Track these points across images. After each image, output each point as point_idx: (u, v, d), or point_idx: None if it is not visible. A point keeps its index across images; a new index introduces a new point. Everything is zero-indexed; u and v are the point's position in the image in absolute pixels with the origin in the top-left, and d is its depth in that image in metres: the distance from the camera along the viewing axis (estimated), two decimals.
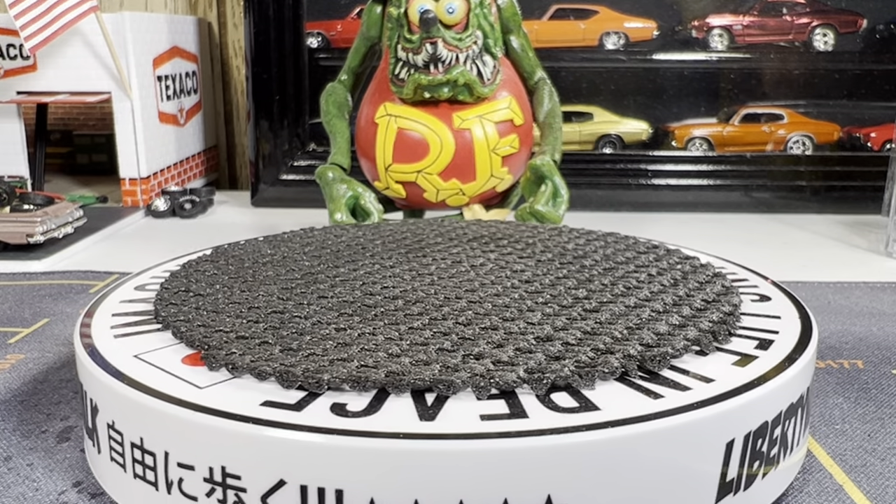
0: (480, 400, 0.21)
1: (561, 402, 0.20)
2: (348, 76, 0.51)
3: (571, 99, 0.67)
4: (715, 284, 0.29)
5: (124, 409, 0.22)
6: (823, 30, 0.66)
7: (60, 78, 0.63)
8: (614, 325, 0.25)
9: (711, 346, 0.24)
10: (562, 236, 0.36)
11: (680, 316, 0.25)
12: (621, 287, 0.28)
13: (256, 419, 0.20)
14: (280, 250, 0.34)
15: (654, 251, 0.34)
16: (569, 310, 0.26)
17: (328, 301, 0.27)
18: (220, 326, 0.25)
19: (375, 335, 0.24)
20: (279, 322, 0.25)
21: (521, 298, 0.27)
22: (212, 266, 0.32)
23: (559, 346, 0.23)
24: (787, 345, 0.25)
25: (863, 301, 0.43)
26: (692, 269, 0.31)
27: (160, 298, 0.28)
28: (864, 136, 0.67)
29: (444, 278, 0.30)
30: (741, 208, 0.66)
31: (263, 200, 0.68)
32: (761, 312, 0.28)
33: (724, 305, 0.27)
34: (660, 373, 0.22)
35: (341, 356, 0.22)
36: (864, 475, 0.26)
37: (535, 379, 0.21)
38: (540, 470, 0.19)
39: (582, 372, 0.21)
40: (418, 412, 0.20)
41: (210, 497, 0.20)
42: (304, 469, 0.19)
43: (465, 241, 0.35)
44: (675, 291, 0.28)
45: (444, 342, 0.23)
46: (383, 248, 0.34)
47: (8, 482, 0.25)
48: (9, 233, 0.50)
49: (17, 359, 0.35)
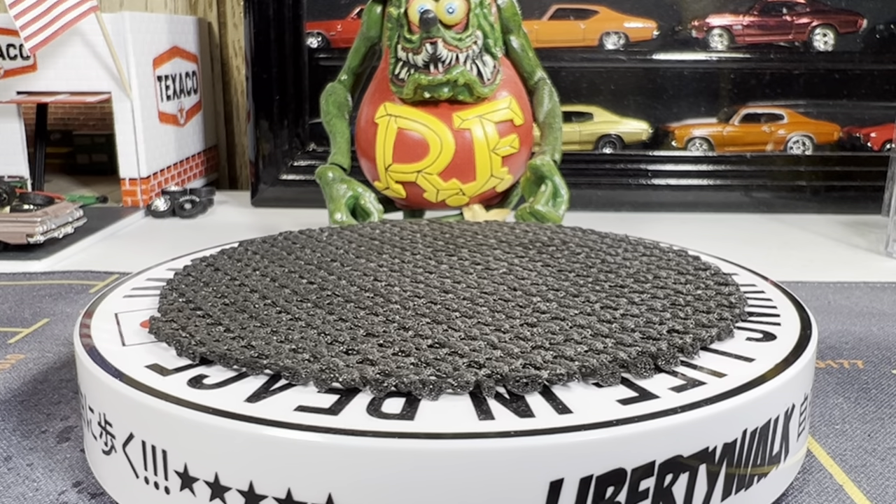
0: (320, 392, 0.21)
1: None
2: (348, 76, 0.51)
3: (571, 99, 0.67)
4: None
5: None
6: (823, 30, 0.66)
7: (60, 78, 0.63)
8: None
9: (697, 351, 0.23)
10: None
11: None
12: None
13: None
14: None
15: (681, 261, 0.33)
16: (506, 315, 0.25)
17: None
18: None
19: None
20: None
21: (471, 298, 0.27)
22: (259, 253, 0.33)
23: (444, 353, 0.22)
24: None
25: (863, 301, 0.43)
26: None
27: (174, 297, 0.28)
28: (864, 136, 0.67)
29: (449, 278, 0.30)
30: (741, 208, 0.66)
31: (263, 200, 0.68)
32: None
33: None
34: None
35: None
36: (864, 475, 0.26)
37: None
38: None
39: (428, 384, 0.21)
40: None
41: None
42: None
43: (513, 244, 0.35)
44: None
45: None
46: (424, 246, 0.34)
47: (8, 482, 0.25)
48: (9, 233, 0.50)
49: (17, 359, 0.35)
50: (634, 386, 0.21)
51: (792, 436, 0.23)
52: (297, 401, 0.21)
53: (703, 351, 0.24)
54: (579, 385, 0.21)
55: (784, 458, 0.23)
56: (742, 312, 0.26)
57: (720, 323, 0.25)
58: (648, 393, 0.21)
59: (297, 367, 0.21)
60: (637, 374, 0.22)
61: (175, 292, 0.29)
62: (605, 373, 0.21)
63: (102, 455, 0.23)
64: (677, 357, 0.23)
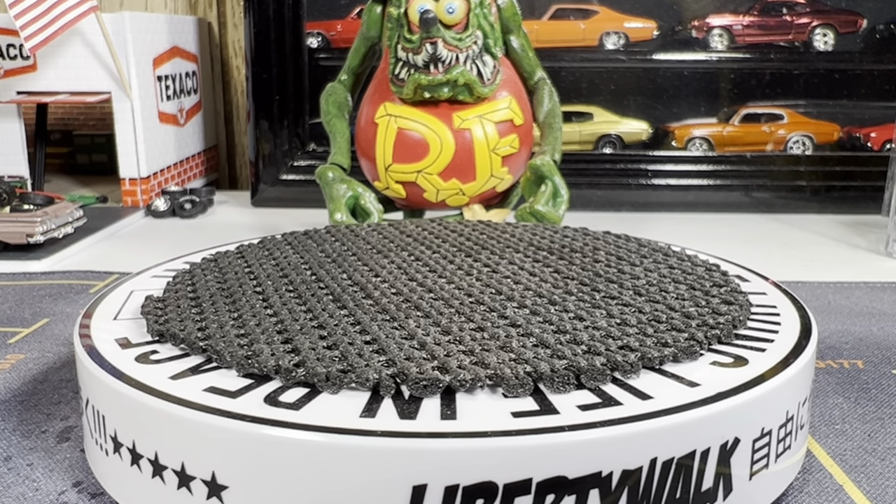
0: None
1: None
2: (348, 76, 0.51)
3: (571, 99, 0.67)
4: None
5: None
6: (823, 30, 0.66)
7: (60, 78, 0.63)
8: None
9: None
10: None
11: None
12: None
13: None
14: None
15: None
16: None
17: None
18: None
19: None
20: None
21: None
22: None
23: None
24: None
25: (863, 301, 0.43)
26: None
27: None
28: (864, 136, 0.67)
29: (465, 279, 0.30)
30: (741, 208, 0.66)
31: (263, 200, 0.68)
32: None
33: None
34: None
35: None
36: (864, 475, 0.26)
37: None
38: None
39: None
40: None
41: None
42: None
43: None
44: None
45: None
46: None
47: (8, 482, 0.25)
48: (9, 233, 0.50)
49: (17, 359, 0.35)
50: (545, 400, 0.20)
51: (739, 472, 0.21)
52: (210, 382, 0.22)
53: (652, 371, 0.22)
54: (485, 393, 0.21)
55: (724, 498, 0.21)
56: (724, 335, 0.24)
57: (684, 344, 0.23)
58: (552, 408, 0.20)
59: (223, 351, 0.22)
60: (552, 387, 0.21)
61: (182, 281, 0.30)
62: (513, 383, 0.21)
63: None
64: (607, 375, 0.21)
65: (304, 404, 0.20)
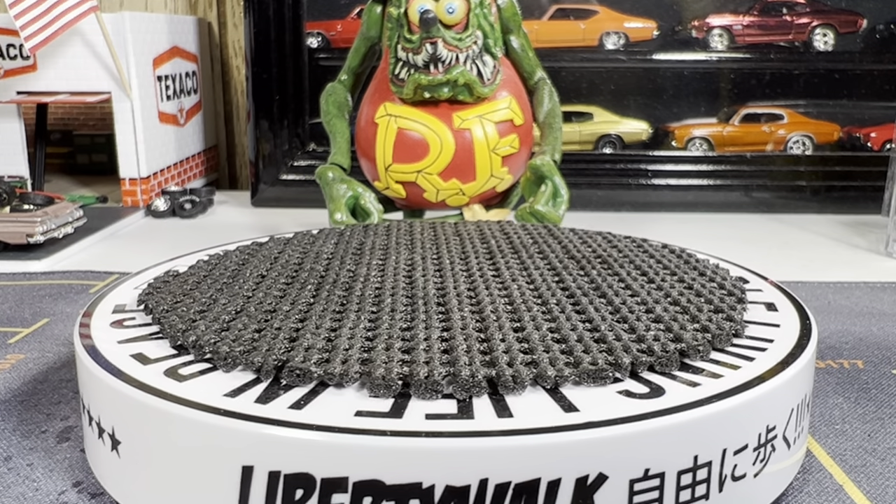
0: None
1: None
2: (348, 76, 0.51)
3: (571, 99, 0.67)
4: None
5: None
6: (823, 30, 0.66)
7: (60, 78, 0.63)
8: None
9: (699, 355, 0.23)
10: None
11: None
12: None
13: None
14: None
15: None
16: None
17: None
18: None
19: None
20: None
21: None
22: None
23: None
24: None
25: (863, 301, 0.43)
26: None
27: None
28: (864, 136, 0.67)
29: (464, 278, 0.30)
30: (741, 208, 0.66)
31: (263, 200, 0.68)
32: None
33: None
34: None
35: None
36: (864, 475, 0.26)
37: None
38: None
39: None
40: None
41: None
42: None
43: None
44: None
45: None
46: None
47: (8, 482, 0.25)
48: (9, 233, 0.50)
49: (17, 359, 0.35)
50: (465, 404, 0.20)
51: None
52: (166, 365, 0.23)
53: (592, 384, 0.21)
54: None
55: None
56: (695, 352, 0.23)
57: (632, 358, 0.22)
58: (470, 413, 0.20)
59: (201, 341, 0.24)
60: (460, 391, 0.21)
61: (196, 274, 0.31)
62: (420, 388, 0.21)
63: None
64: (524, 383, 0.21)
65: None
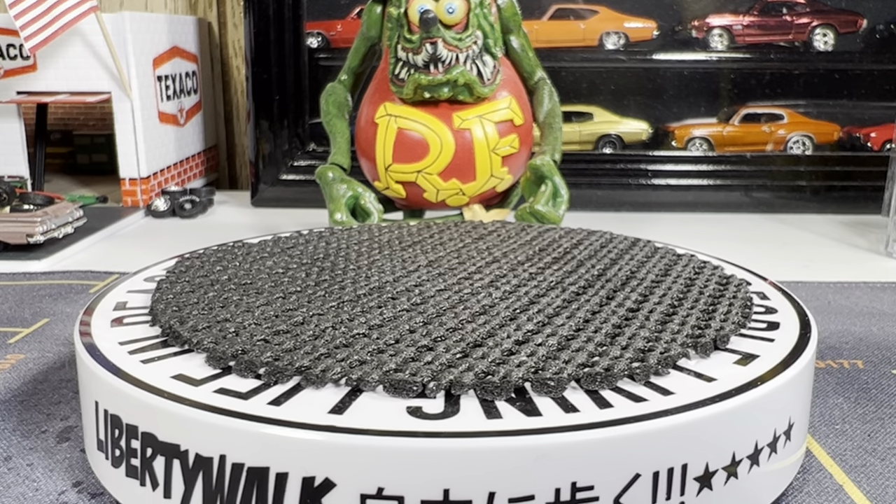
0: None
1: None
2: (348, 76, 0.51)
3: (571, 99, 0.67)
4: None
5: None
6: (823, 30, 0.66)
7: (60, 78, 0.63)
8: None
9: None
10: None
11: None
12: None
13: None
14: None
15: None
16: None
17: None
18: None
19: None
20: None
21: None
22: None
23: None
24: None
25: (863, 301, 0.43)
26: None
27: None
28: (864, 136, 0.67)
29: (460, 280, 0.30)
30: (741, 208, 0.66)
31: (263, 200, 0.68)
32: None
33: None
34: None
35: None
36: (864, 475, 0.26)
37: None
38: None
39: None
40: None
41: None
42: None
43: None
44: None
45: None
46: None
47: (8, 482, 0.25)
48: (9, 233, 0.50)
49: (17, 359, 0.35)
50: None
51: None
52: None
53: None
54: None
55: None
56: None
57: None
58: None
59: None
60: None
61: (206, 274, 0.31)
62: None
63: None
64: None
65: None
